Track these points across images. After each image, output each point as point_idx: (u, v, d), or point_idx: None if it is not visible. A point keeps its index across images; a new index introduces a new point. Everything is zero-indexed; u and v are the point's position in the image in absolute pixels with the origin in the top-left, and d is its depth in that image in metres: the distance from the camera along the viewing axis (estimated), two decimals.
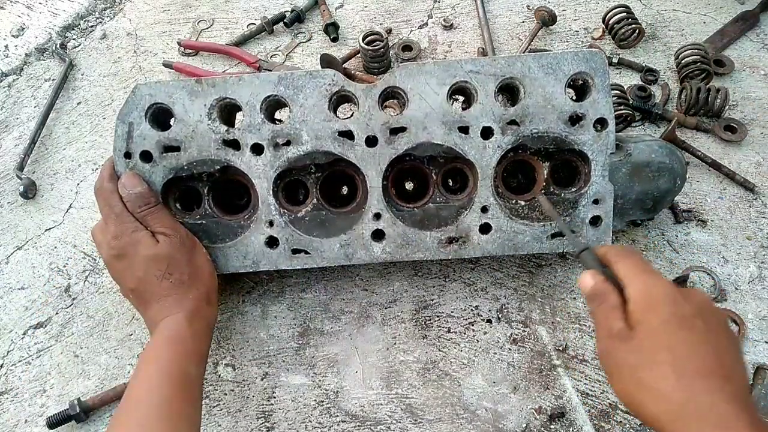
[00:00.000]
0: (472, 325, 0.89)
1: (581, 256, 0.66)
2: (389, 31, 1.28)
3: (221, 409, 0.83)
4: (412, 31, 1.29)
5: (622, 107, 1.04)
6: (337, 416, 0.82)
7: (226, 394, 0.85)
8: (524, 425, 0.80)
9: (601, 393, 0.82)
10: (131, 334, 0.91)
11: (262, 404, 0.84)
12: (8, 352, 0.90)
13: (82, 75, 1.26)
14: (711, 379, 0.53)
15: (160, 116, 0.83)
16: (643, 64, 1.17)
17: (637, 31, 1.18)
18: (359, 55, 1.21)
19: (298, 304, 0.92)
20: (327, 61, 1.17)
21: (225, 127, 0.81)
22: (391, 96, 0.83)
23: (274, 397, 0.84)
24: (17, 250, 1.02)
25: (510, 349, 0.86)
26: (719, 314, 0.60)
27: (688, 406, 0.52)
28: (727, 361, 0.55)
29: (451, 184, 0.90)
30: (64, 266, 0.99)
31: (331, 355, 0.87)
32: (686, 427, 0.52)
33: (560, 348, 0.86)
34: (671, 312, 0.57)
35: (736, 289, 0.90)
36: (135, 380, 0.70)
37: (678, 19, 1.25)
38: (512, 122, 0.81)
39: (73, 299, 0.95)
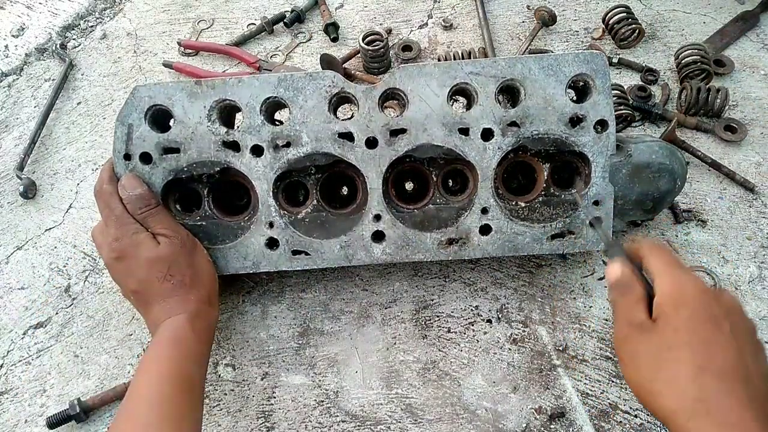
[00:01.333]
0: (472, 325, 0.89)
1: (610, 250, 0.66)
2: (389, 31, 1.28)
3: (221, 409, 0.83)
4: (412, 31, 1.29)
5: (622, 107, 1.04)
6: (337, 416, 0.82)
7: (226, 394, 0.85)
8: (524, 425, 0.80)
9: (601, 393, 0.82)
10: (131, 334, 0.91)
11: (262, 404, 0.84)
12: (8, 352, 0.90)
13: (82, 75, 1.26)
14: (730, 381, 0.53)
15: (160, 118, 0.83)
16: (643, 64, 1.17)
17: (637, 31, 1.18)
18: (359, 55, 1.21)
19: (298, 304, 0.93)
20: (327, 61, 1.17)
21: (225, 129, 0.81)
22: (391, 97, 0.83)
23: (274, 397, 0.84)
24: (17, 250, 1.02)
25: (510, 349, 0.87)
26: (748, 321, 0.59)
27: (701, 404, 0.52)
28: (750, 366, 0.54)
29: (451, 185, 0.90)
30: (64, 266, 0.99)
31: (331, 355, 0.87)
32: (697, 426, 0.51)
33: (560, 348, 0.86)
34: (699, 309, 0.56)
35: (736, 289, 0.90)
36: (136, 381, 0.70)
37: (678, 19, 1.25)
38: (513, 124, 0.81)
39: (73, 299, 0.95)
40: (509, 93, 0.85)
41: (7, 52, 1.31)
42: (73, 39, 1.34)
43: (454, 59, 1.16)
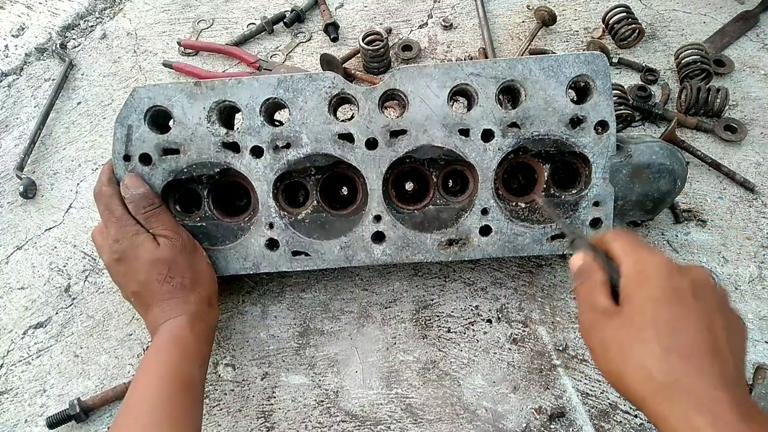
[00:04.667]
0: (472, 325, 0.89)
1: (574, 242, 0.65)
2: (389, 31, 1.28)
3: (221, 409, 0.84)
4: (412, 31, 1.29)
5: (622, 107, 1.04)
6: (337, 416, 0.82)
7: (226, 394, 0.85)
8: (524, 425, 0.80)
9: (601, 393, 0.82)
10: (131, 334, 0.91)
11: (262, 404, 0.84)
12: (8, 352, 0.91)
13: (82, 75, 1.26)
14: (699, 358, 0.51)
15: (159, 119, 0.83)
16: (643, 64, 1.17)
17: (637, 31, 1.18)
18: (359, 55, 1.21)
19: (298, 304, 0.93)
20: (327, 61, 1.17)
21: (224, 130, 0.81)
22: (392, 98, 0.83)
23: (274, 397, 0.84)
24: (17, 250, 1.02)
25: (510, 349, 0.87)
26: (718, 292, 0.57)
27: (671, 385, 0.50)
28: (721, 341, 0.52)
29: (451, 186, 0.90)
30: (64, 266, 0.99)
31: (331, 355, 0.88)
32: (668, 407, 0.50)
33: (560, 348, 0.86)
34: (663, 286, 0.54)
35: (736, 289, 0.90)
36: (136, 382, 0.70)
37: (678, 19, 1.25)
38: (513, 125, 0.81)
39: (73, 299, 0.95)
40: (510, 94, 0.85)
41: (7, 52, 1.31)
42: (73, 39, 1.34)
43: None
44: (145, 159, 0.81)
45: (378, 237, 0.84)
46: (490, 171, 0.82)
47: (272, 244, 0.84)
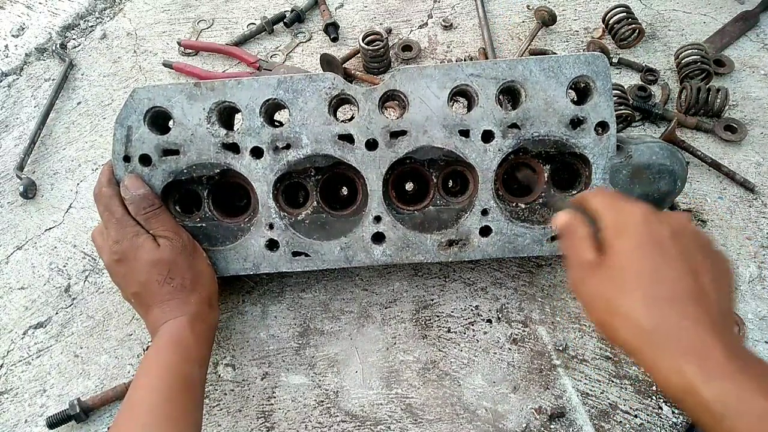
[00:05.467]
0: (472, 325, 0.89)
1: (556, 204, 0.65)
2: (389, 31, 1.28)
3: (221, 409, 0.84)
4: (412, 31, 1.29)
5: (622, 107, 1.04)
6: (337, 416, 0.82)
7: (226, 394, 0.85)
8: (524, 425, 0.80)
9: (601, 393, 0.82)
10: (131, 334, 0.91)
11: (262, 404, 0.84)
12: (8, 352, 0.91)
13: (82, 75, 1.26)
14: (684, 303, 0.51)
15: (159, 120, 0.83)
16: (643, 64, 1.17)
17: (637, 31, 1.18)
18: (359, 55, 1.21)
19: (298, 304, 0.93)
20: (327, 61, 1.17)
21: (224, 131, 0.81)
22: (392, 99, 0.83)
23: (274, 397, 0.84)
24: (17, 250, 1.02)
25: (510, 349, 0.87)
26: (700, 236, 0.56)
27: (658, 332, 0.50)
28: (706, 285, 0.52)
29: (451, 186, 0.90)
30: (64, 266, 0.99)
31: (331, 355, 0.88)
32: (657, 354, 0.50)
33: (560, 348, 0.86)
34: (643, 234, 0.54)
35: (736, 289, 0.90)
36: (136, 383, 0.70)
37: (678, 19, 1.25)
38: (513, 125, 0.81)
39: (73, 299, 0.95)
40: (510, 95, 0.85)
41: (7, 52, 1.31)
42: (73, 39, 1.34)
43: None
44: (145, 160, 0.81)
45: (378, 238, 0.84)
46: (490, 172, 0.82)
47: (272, 244, 0.84)
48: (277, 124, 0.84)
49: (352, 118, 0.82)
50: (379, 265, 0.89)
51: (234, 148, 0.82)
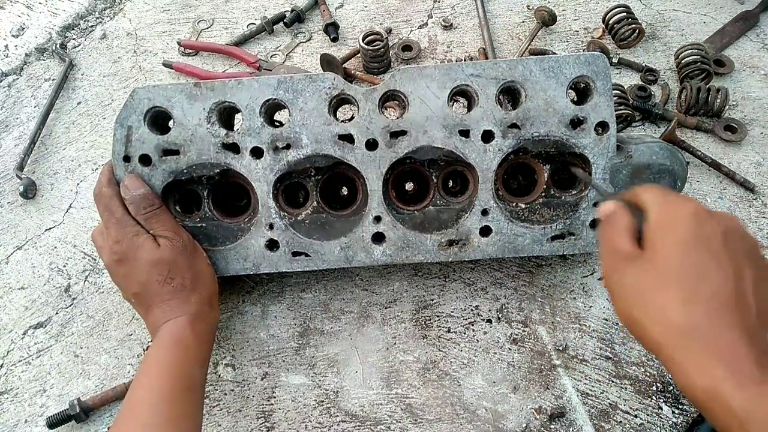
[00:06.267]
0: (472, 325, 0.89)
1: (606, 196, 0.65)
2: (389, 31, 1.28)
3: (221, 409, 0.84)
4: (412, 31, 1.29)
5: (622, 107, 1.04)
6: (337, 416, 0.82)
7: (226, 394, 0.85)
8: (524, 425, 0.80)
9: (601, 393, 0.82)
10: (131, 334, 0.91)
11: (262, 404, 0.84)
12: (8, 352, 0.91)
13: (82, 75, 1.26)
14: (723, 306, 0.49)
15: (159, 120, 0.83)
16: (643, 64, 1.17)
17: (637, 31, 1.18)
18: (359, 55, 1.21)
19: (298, 304, 0.93)
20: (327, 61, 1.17)
21: (224, 131, 0.81)
22: (392, 99, 0.83)
23: (274, 397, 0.84)
24: (17, 250, 1.02)
25: (510, 349, 0.87)
26: (749, 240, 0.54)
27: (691, 331, 0.49)
28: (747, 291, 0.50)
29: (451, 186, 0.90)
30: (64, 266, 0.99)
31: (331, 355, 0.88)
32: (686, 353, 0.49)
33: (560, 348, 0.86)
34: (691, 230, 0.52)
35: None
36: (137, 382, 0.70)
37: (678, 19, 1.25)
38: (513, 125, 0.81)
39: (73, 299, 0.95)
40: (510, 95, 0.85)
41: (7, 52, 1.31)
42: (73, 39, 1.34)
43: None
44: (145, 160, 0.81)
45: (378, 237, 0.84)
46: (490, 172, 0.82)
47: (272, 244, 0.84)
48: (277, 124, 0.84)
49: (352, 118, 0.82)
50: (379, 265, 0.89)
51: (234, 148, 0.82)
